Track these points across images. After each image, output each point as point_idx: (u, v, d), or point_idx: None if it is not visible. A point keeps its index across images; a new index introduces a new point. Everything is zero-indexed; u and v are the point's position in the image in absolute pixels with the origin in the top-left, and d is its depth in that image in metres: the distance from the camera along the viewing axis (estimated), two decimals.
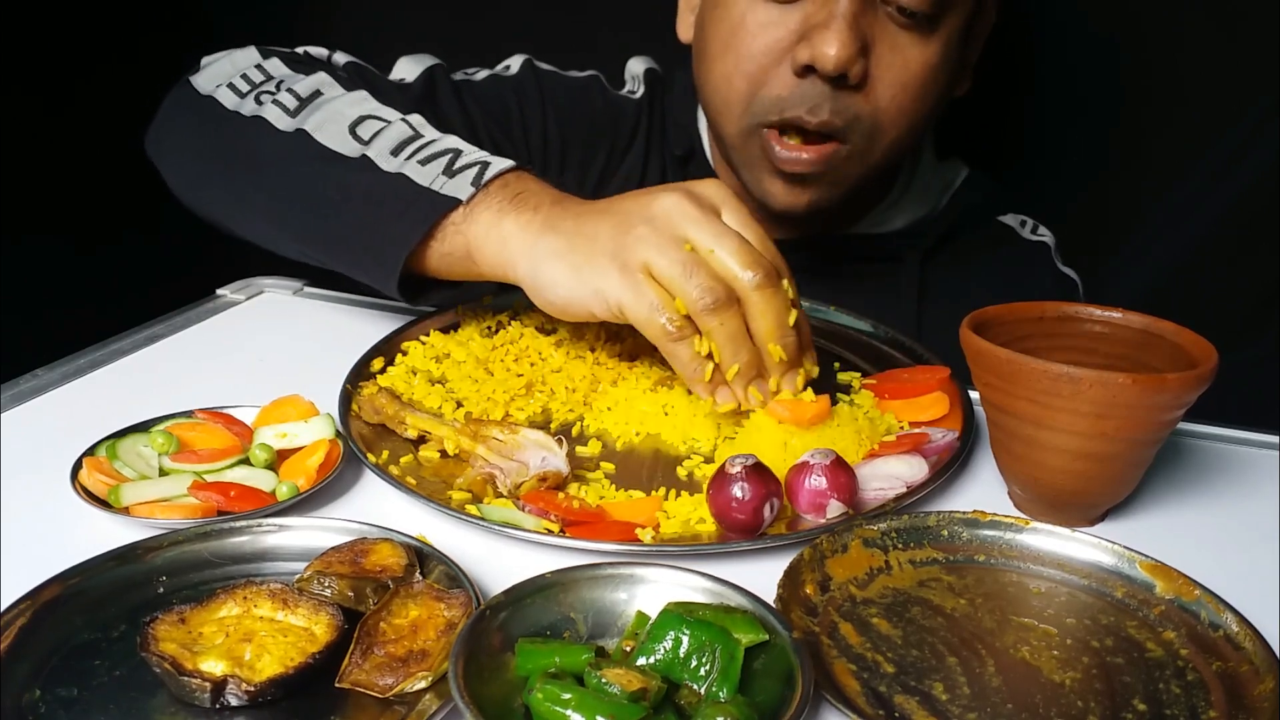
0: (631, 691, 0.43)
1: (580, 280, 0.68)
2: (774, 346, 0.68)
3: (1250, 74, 1.17)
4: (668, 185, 0.71)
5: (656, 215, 0.68)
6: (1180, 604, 0.55)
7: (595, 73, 1.08)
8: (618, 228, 0.68)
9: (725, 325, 0.66)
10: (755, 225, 0.70)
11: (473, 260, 0.74)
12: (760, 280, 0.66)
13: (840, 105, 0.86)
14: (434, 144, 0.78)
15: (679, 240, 0.67)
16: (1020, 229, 1.08)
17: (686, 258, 0.66)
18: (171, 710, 0.47)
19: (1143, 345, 0.66)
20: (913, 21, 0.85)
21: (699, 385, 0.69)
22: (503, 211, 0.73)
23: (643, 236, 0.67)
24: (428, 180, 0.75)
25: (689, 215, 0.67)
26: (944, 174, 1.06)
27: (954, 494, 0.68)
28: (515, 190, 0.74)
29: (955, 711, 0.48)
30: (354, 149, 0.79)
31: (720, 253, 0.66)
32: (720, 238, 0.67)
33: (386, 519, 0.60)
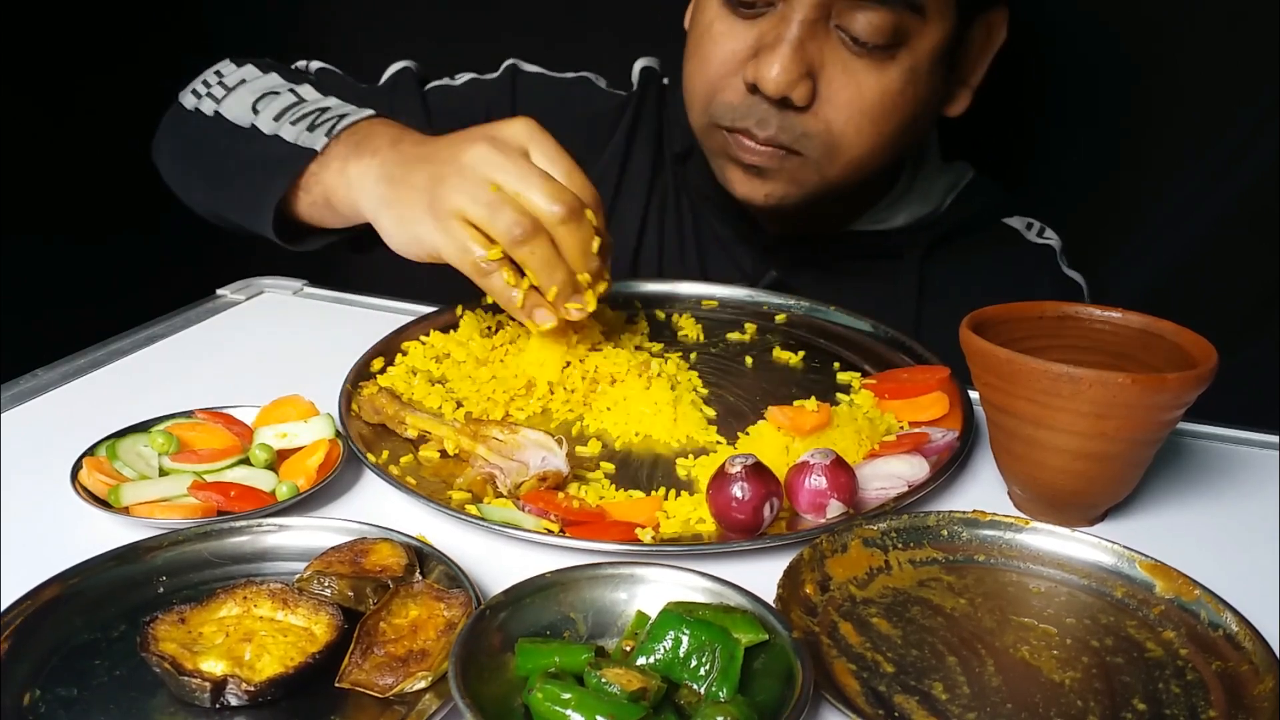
0: (631, 691, 0.44)
1: (404, 229, 0.75)
2: (583, 274, 0.74)
3: (1250, 74, 1.17)
4: (476, 129, 0.75)
5: (465, 164, 0.73)
6: (1180, 604, 0.55)
7: (585, 74, 1.08)
8: (432, 178, 0.74)
9: (536, 253, 0.72)
10: (563, 158, 0.74)
11: (331, 207, 0.83)
12: (564, 214, 0.72)
13: (786, 124, 0.87)
14: (307, 105, 0.87)
15: (486, 183, 0.72)
16: (1025, 231, 1.08)
17: (493, 198, 0.71)
18: (171, 710, 0.47)
19: (1143, 345, 0.66)
20: (866, 50, 0.85)
21: (514, 310, 0.74)
22: (347, 158, 0.80)
23: (454, 185, 0.72)
24: (293, 137, 0.85)
25: (495, 161, 0.72)
26: (949, 175, 1.05)
27: (954, 494, 0.68)
28: (361, 136, 0.81)
29: (955, 711, 0.48)
30: (248, 120, 0.89)
31: (526, 192, 0.72)
32: (525, 178, 0.72)
33: (386, 519, 0.60)
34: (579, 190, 0.74)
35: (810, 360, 0.85)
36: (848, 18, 0.84)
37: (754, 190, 0.92)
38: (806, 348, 0.86)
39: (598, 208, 0.75)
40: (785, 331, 0.90)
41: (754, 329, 0.90)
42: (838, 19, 0.84)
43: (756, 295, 0.95)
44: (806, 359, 0.85)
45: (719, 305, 0.95)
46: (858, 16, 0.83)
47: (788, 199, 0.92)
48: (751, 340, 0.88)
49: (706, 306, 0.95)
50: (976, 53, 0.95)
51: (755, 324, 0.90)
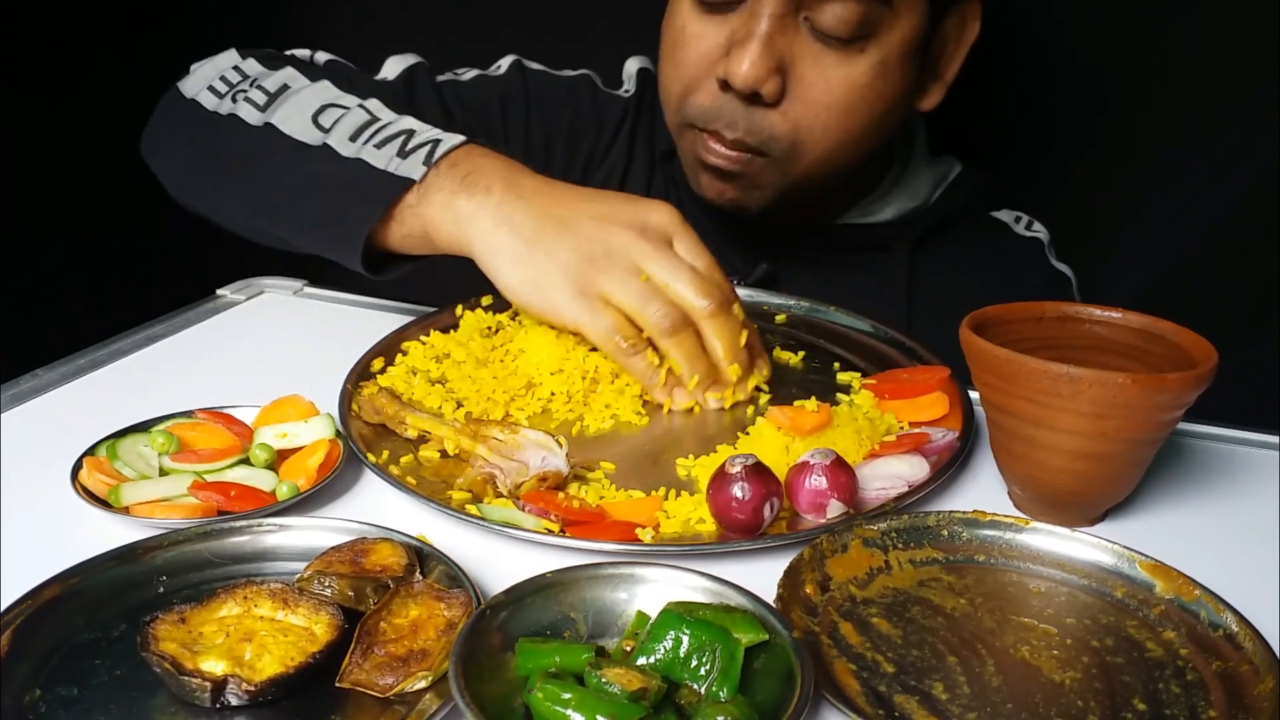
0: (631, 691, 0.43)
1: (540, 294, 0.75)
2: (733, 366, 0.76)
3: (1250, 74, 1.17)
4: (621, 208, 0.76)
5: (614, 249, 0.74)
6: (1180, 604, 0.55)
7: (586, 72, 1.09)
8: (577, 253, 0.74)
9: (682, 345, 0.74)
10: (705, 253, 0.76)
11: (430, 241, 0.80)
12: (713, 309, 0.74)
13: (754, 124, 0.88)
14: (389, 126, 0.83)
15: (636, 272, 0.74)
16: (1014, 224, 1.08)
17: (643, 289, 0.73)
18: (171, 710, 0.47)
19: (1143, 345, 0.66)
20: (835, 42, 0.85)
21: (656, 391, 0.76)
22: (454, 193, 0.77)
23: (602, 269, 0.74)
24: (383, 163, 0.80)
25: (644, 251, 0.74)
26: (937, 169, 1.06)
27: (954, 494, 0.68)
28: (465, 170, 0.78)
29: (955, 711, 0.48)
30: (316, 137, 0.84)
31: (675, 286, 0.74)
32: (675, 271, 0.74)
33: (386, 519, 0.60)
34: (724, 284, 0.76)
35: (810, 360, 0.85)
36: (816, 10, 0.84)
37: (720, 193, 0.94)
38: (806, 348, 0.86)
39: (738, 300, 0.77)
40: (785, 331, 0.90)
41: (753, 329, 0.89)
42: (806, 11, 0.85)
43: (756, 295, 0.95)
44: (806, 359, 0.85)
45: None
46: (825, 9, 0.84)
47: (751, 202, 0.94)
48: None
49: None
50: (951, 47, 0.95)
51: (755, 324, 0.90)
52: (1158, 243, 1.25)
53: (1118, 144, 1.25)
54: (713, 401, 0.77)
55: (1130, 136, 1.25)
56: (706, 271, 0.75)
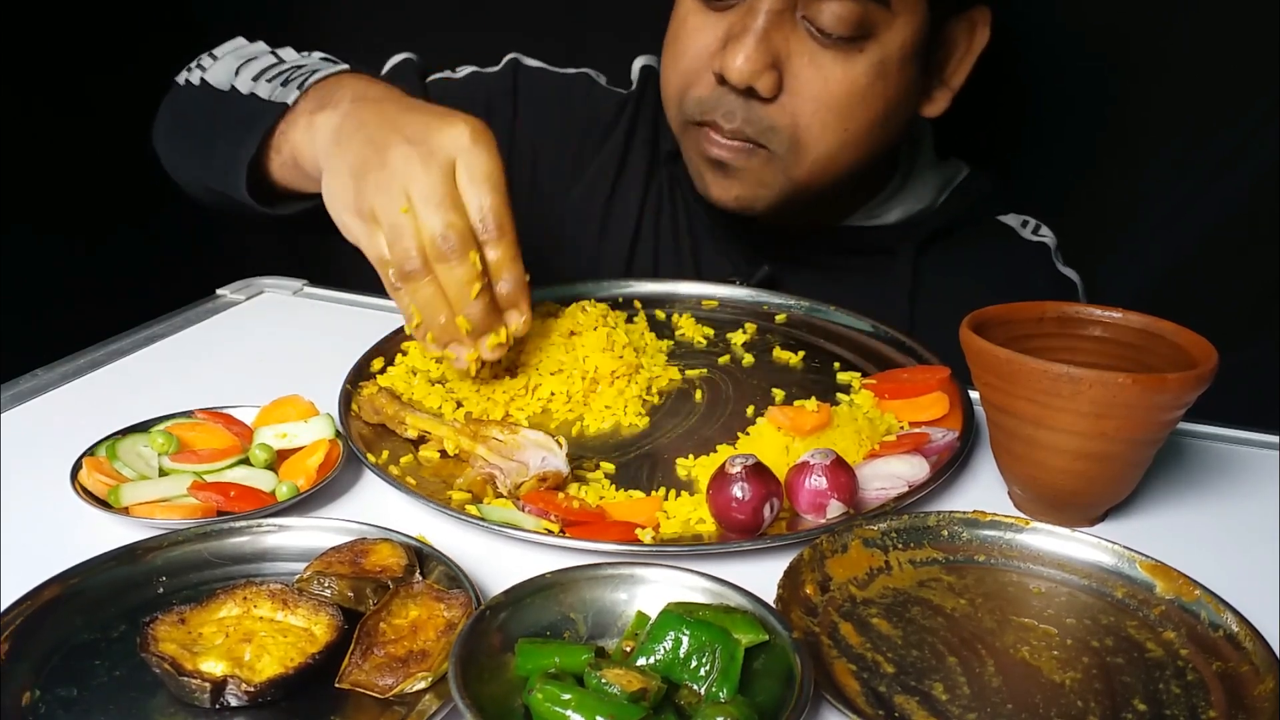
0: (631, 692, 0.43)
1: (334, 208, 0.72)
2: (459, 318, 0.70)
3: (1250, 74, 1.17)
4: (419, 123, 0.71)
5: (389, 163, 0.69)
6: (1180, 604, 0.55)
7: (586, 70, 1.09)
8: (361, 167, 0.70)
9: (418, 292, 0.69)
10: (487, 179, 0.69)
11: (299, 166, 0.81)
12: (440, 254, 0.68)
13: (752, 115, 0.88)
14: (285, 65, 0.87)
15: (401, 195, 0.68)
16: (1021, 229, 1.08)
17: (398, 221, 0.68)
18: (171, 710, 0.47)
19: (1143, 345, 0.66)
20: (833, 41, 0.85)
21: (412, 330, 0.72)
22: (313, 113, 0.79)
23: (374, 186, 0.69)
24: (267, 94, 0.84)
25: (412, 170, 0.68)
26: (944, 172, 1.06)
27: (954, 494, 0.68)
28: (329, 91, 0.81)
29: (955, 711, 0.48)
30: (227, 83, 0.89)
31: (421, 219, 0.68)
32: (426, 202, 0.68)
33: (386, 519, 0.60)
34: (489, 215, 0.69)
35: (810, 360, 0.85)
36: (814, 9, 0.84)
37: (725, 192, 0.93)
38: (806, 348, 0.86)
39: (504, 238, 0.70)
40: (785, 331, 0.90)
41: (754, 329, 0.90)
42: (804, 10, 0.85)
43: (757, 295, 0.95)
44: (806, 359, 0.85)
45: (719, 305, 0.95)
46: (824, 7, 0.84)
47: (757, 201, 0.93)
48: (751, 340, 0.88)
49: (707, 306, 0.95)
50: (958, 54, 0.95)
51: (755, 324, 0.90)
52: (1158, 243, 1.25)
53: (1118, 144, 1.25)
54: (460, 359, 0.72)
55: (1130, 137, 1.25)
56: (476, 200, 0.69)
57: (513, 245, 0.70)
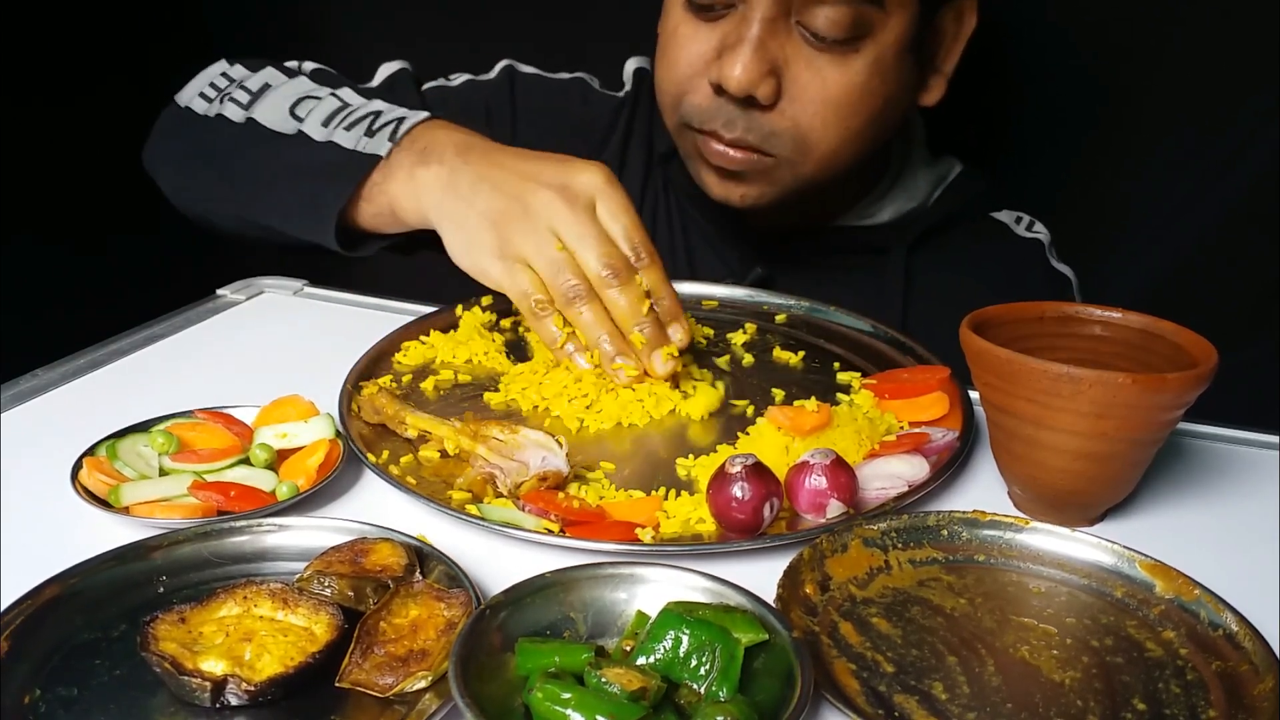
0: (631, 691, 0.43)
1: (470, 256, 0.78)
2: (635, 335, 0.76)
3: (1250, 74, 1.17)
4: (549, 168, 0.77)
5: (532, 209, 0.75)
6: (1180, 604, 0.55)
7: (581, 75, 1.09)
8: (499, 215, 0.76)
9: (581, 315, 0.75)
10: (626, 213, 0.76)
11: (396, 216, 0.83)
12: (608, 279, 0.74)
13: (752, 123, 0.88)
14: (358, 110, 0.86)
15: (551, 235, 0.75)
16: (1014, 225, 1.08)
17: (554, 257, 0.74)
18: (171, 710, 0.47)
19: (1143, 345, 0.66)
20: (828, 44, 0.85)
21: (558, 351, 0.77)
22: (415, 165, 0.81)
23: (520, 231, 0.75)
24: (352, 143, 0.84)
25: (559, 214, 0.75)
26: (936, 169, 1.06)
27: (954, 494, 0.68)
28: (424, 144, 0.82)
29: (955, 711, 0.48)
30: (291, 127, 0.88)
31: (580, 253, 0.74)
32: (581, 238, 0.74)
33: (386, 519, 0.60)
34: (640, 246, 0.76)
35: (810, 360, 0.85)
36: (808, 13, 0.84)
37: (729, 192, 0.93)
38: (806, 348, 0.86)
39: (655, 264, 0.76)
40: (785, 331, 0.90)
41: (754, 329, 0.90)
42: (798, 15, 0.85)
43: (756, 295, 0.95)
44: (806, 359, 0.85)
45: (719, 305, 0.95)
46: (817, 12, 0.84)
47: (764, 198, 0.93)
48: (751, 340, 0.88)
49: (707, 306, 0.95)
50: (948, 41, 0.95)
51: (755, 324, 0.90)
52: (1158, 243, 1.25)
53: (1118, 144, 1.25)
54: (620, 374, 0.76)
55: (1130, 136, 1.25)
56: (624, 232, 0.75)
57: (663, 269, 0.77)
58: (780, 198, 0.93)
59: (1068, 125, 1.26)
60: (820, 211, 1.02)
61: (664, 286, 0.77)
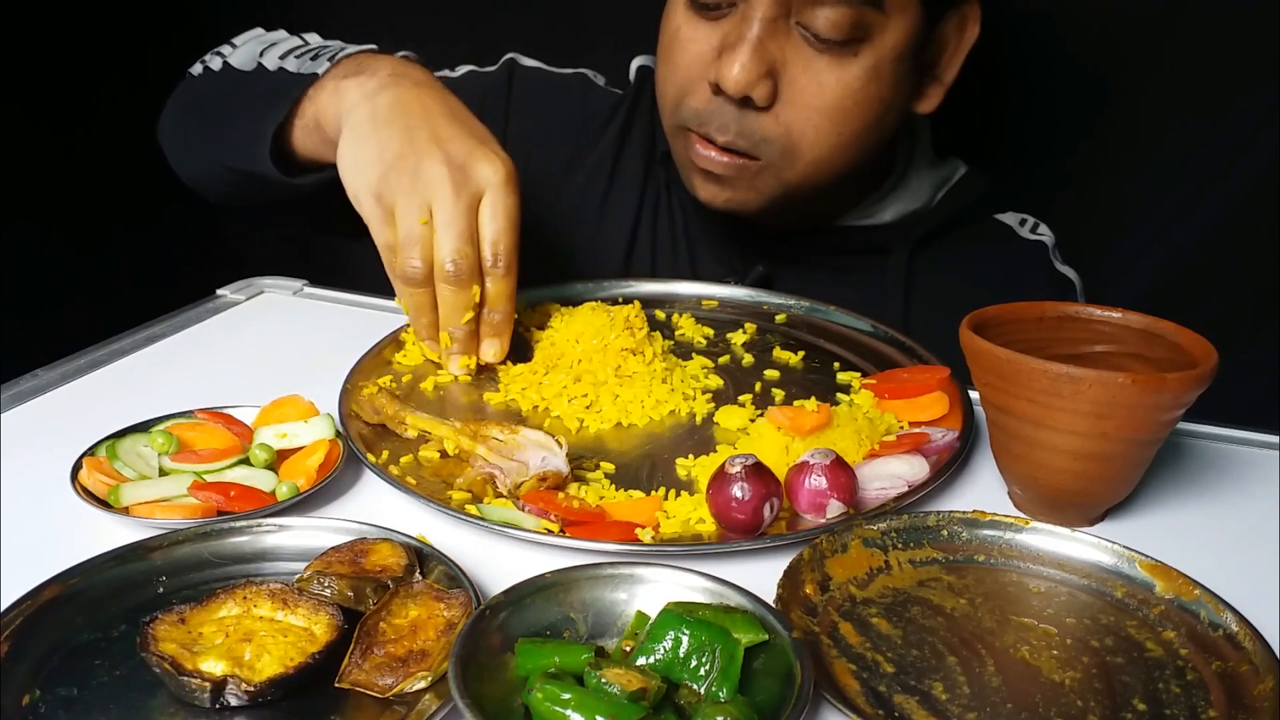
0: (631, 691, 0.43)
1: (353, 176, 0.76)
2: (443, 333, 0.77)
3: (1250, 74, 1.17)
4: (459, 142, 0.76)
5: (421, 174, 0.74)
6: (1180, 604, 0.55)
7: (583, 70, 1.09)
8: (396, 159, 0.74)
9: (412, 297, 0.76)
10: (506, 217, 0.75)
11: (321, 128, 0.82)
12: (449, 275, 0.74)
13: (746, 127, 0.88)
14: (314, 47, 0.88)
15: (424, 207, 0.73)
16: (1019, 228, 1.08)
17: (413, 231, 0.73)
18: (171, 710, 0.47)
19: (1143, 345, 0.66)
20: (827, 46, 0.85)
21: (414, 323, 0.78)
22: (344, 77, 0.81)
23: (401, 188, 0.74)
24: (295, 68, 0.86)
25: (441, 192, 0.73)
26: (940, 171, 1.05)
27: (954, 494, 0.68)
28: (359, 61, 0.83)
29: (955, 711, 0.48)
30: (253, 63, 0.91)
31: (440, 237, 0.73)
32: (448, 225, 0.73)
33: (386, 519, 0.60)
34: (502, 254, 0.75)
35: (810, 360, 0.85)
36: (808, 15, 0.84)
37: (714, 196, 0.94)
38: (806, 348, 0.86)
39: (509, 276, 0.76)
40: (785, 331, 0.90)
41: (754, 329, 0.90)
42: (798, 16, 0.85)
43: (757, 295, 0.95)
44: (806, 359, 0.85)
45: (719, 305, 0.95)
46: (818, 13, 0.84)
47: (748, 204, 0.93)
48: (751, 340, 0.88)
49: (706, 306, 0.95)
50: (949, 49, 0.94)
51: (755, 324, 0.90)
52: (1158, 243, 1.25)
53: (1118, 144, 1.26)
54: (454, 366, 0.78)
55: (1131, 137, 1.25)
56: (495, 236, 0.75)
57: (513, 284, 0.77)
58: (764, 204, 0.93)
59: (1068, 126, 1.26)
60: (822, 211, 1.01)
61: (506, 302, 0.77)
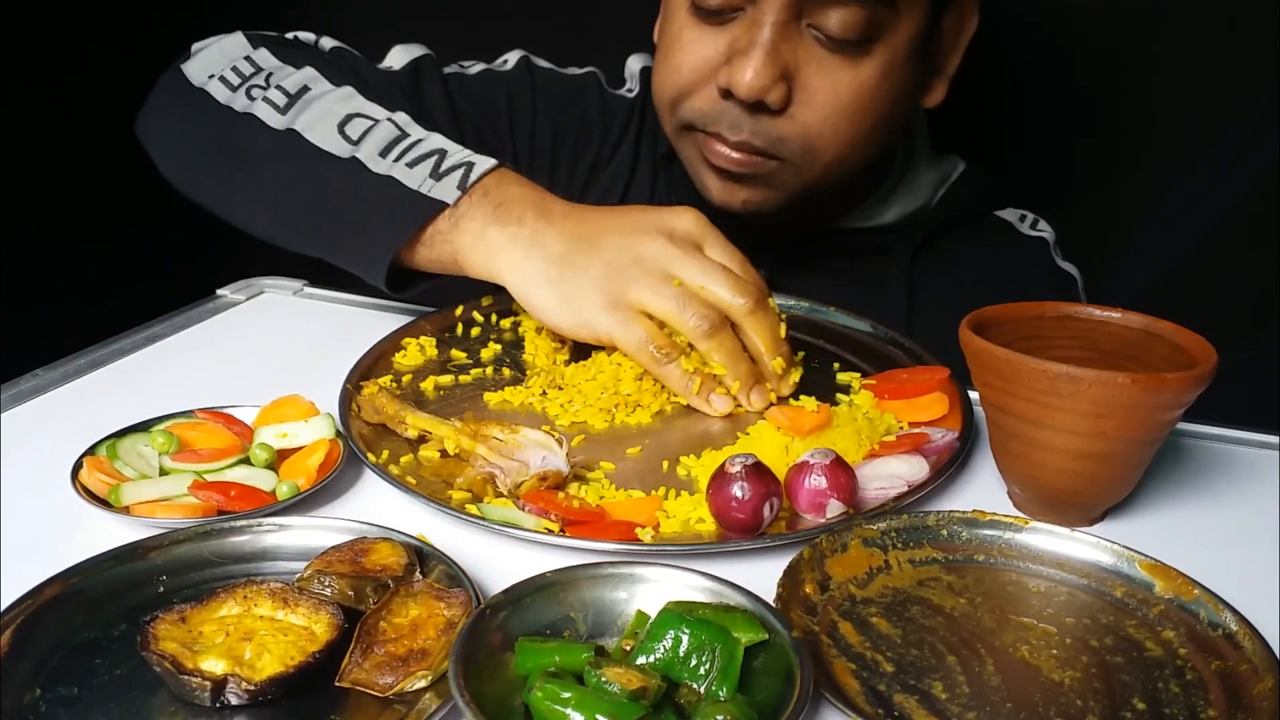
0: (631, 690, 0.44)
1: (572, 312, 0.75)
2: (776, 360, 0.76)
3: (1251, 74, 1.17)
4: (645, 218, 0.77)
5: (644, 258, 0.74)
6: (1179, 603, 0.55)
7: (593, 70, 1.08)
8: (608, 267, 0.74)
9: (723, 345, 0.74)
10: (735, 251, 0.77)
11: (458, 267, 0.80)
12: (751, 306, 0.74)
13: (760, 128, 0.87)
14: (420, 144, 0.81)
15: (668, 279, 0.74)
16: (1019, 224, 1.08)
17: (678, 294, 0.73)
18: (171, 709, 0.47)
19: (1143, 345, 0.66)
20: (840, 46, 0.85)
21: (692, 398, 0.76)
22: (487, 222, 0.77)
23: (634, 279, 0.74)
24: (415, 183, 0.79)
25: (675, 257, 0.74)
26: (940, 168, 1.05)
27: (954, 494, 0.68)
28: (498, 199, 0.78)
29: (955, 711, 0.48)
30: (344, 149, 0.81)
31: (710, 287, 0.74)
32: (708, 274, 0.74)
33: (386, 519, 0.60)
34: (755, 282, 0.76)
35: (810, 360, 0.85)
36: (820, 16, 0.83)
37: (731, 196, 0.92)
38: (806, 348, 0.86)
39: (770, 295, 0.77)
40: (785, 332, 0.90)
41: None
42: (809, 18, 0.84)
43: None
44: (806, 359, 0.85)
45: None
46: (830, 14, 0.83)
47: (767, 203, 0.92)
48: None
49: None
50: (950, 41, 0.94)
51: None
52: (1158, 243, 1.25)
53: (1119, 144, 1.26)
54: (758, 402, 0.76)
55: (1131, 137, 1.25)
56: (740, 269, 0.76)
57: (774, 304, 0.78)
58: (783, 203, 0.92)
59: (1070, 126, 1.26)
60: (823, 214, 1.01)
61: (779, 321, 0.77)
